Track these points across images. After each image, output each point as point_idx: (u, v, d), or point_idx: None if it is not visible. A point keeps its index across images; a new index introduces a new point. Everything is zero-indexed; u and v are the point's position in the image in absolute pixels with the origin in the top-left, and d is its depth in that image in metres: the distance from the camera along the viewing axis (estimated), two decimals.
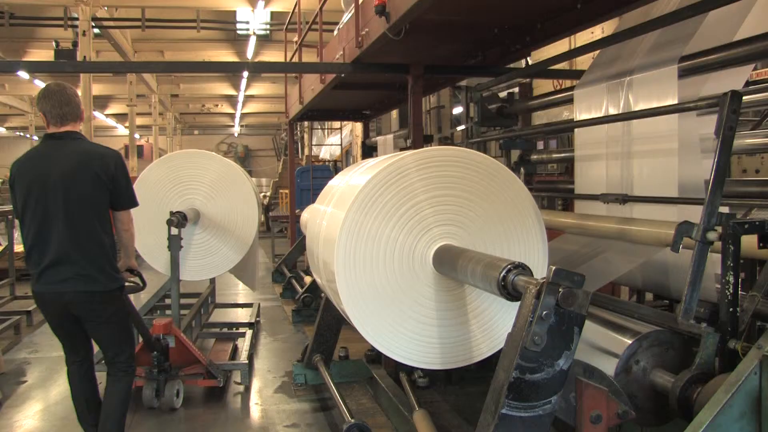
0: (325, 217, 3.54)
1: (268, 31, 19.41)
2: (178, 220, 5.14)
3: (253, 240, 5.86)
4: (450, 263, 2.83)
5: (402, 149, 7.92)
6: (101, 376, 3.78)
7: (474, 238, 3.04)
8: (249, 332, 6.40)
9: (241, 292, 10.50)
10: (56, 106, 3.55)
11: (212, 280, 7.62)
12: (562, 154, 5.17)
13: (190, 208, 5.60)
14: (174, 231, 5.15)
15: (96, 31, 15.11)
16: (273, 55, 19.19)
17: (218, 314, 7.87)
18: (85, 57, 12.50)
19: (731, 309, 2.57)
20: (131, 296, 4.01)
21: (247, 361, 5.40)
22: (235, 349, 6.13)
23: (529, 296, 2.20)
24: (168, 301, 6.38)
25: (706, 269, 2.64)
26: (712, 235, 2.58)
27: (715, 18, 3.33)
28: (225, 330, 7.07)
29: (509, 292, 2.33)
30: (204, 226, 5.75)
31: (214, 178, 5.77)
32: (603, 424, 2.32)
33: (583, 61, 7.61)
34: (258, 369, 5.83)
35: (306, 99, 10.00)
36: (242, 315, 7.83)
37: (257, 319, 7.43)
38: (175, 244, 5.20)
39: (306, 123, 21.36)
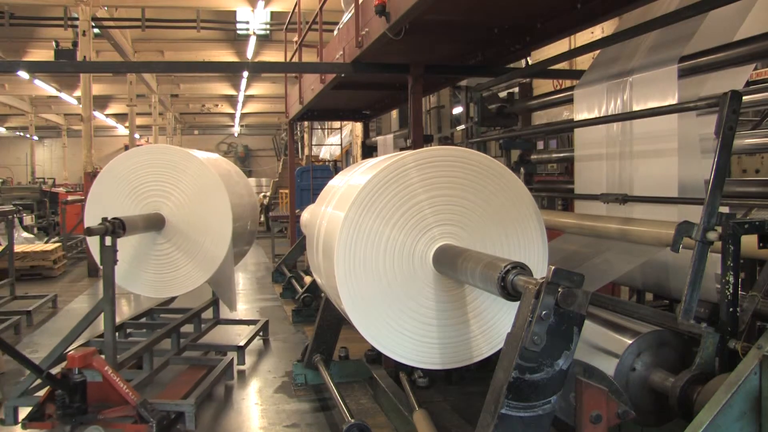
0: (325, 217, 3.54)
1: (268, 31, 19.41)
2: (110, 227, 4.31)
3: (225, 259, 5.03)
4: (450, 263, 2.83)
5: (402, 149, 7.92)
6: None
7: (474, 238, 3.04)
8: (233, 356, 5.63)
9: (253, 305, 10.45)
10: None
11: (215, 292, 6.84)
12: (562, 154, 5.17)
13: (154, 212, 4.95)
14: (108, 241, 4.35)
15: (96, 31, 15.11)
16: (273, 55, 19.20)
17: (219, 333, 6.87)
18: (85, 57, 12.49)
19: (731, 309, 2.57)
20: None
21: (192, 402, 4.34)
22: (202, 380, 5.05)
23: (528, 296, 2.20)
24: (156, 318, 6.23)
25: (706, 269, 2.64)
26: (712, 235, 2.58)
27: (715, 18, 3.34)
28: (213, 354, 6.04)
29: (509, 291, 2.33)
30: (168, 236, 5.00)
31: (189, 182, 5.01)
32: (603, 424, 2.32)
33: (583, 61, 7.60)
34: (258, 369, 5.82)
35: (306, 99, 10.00)
36: (247, 333, 6.69)
37: (261, 336, 6.68)
38: (107, 257, 4.37)
39: (306, 123, 21.38)
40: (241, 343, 5.87)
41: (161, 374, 5.29)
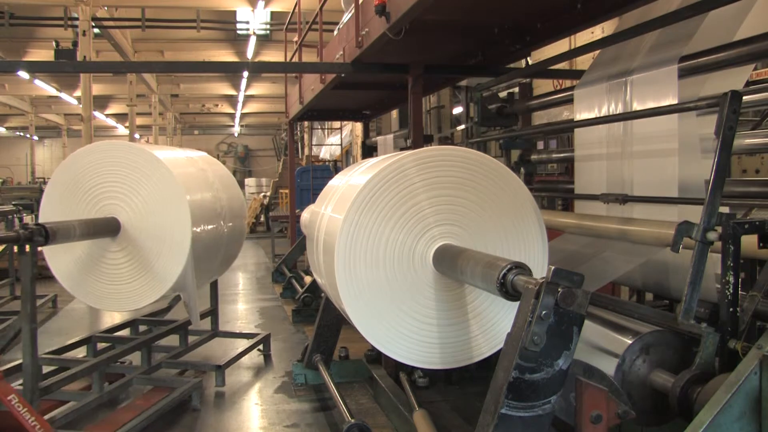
0: (325, 217, 3.54)
1: (268, 31, 19.44)
2: (27, 234, 3.80)
3: (184, 272, 4.47)
4: (450, 263, 2.83)
5: (402, 149, 7.92)
6: None
7: (474, 237, 3.04)
8: (201, 380, 4.96)
9: (253, 305, 10.44)
10: None
11: (215, 302, 6.28)
12: (562, 154, 5.17)
13: (109, 216, 4.48)
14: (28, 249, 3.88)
15: (96, 31, 15.12)
16: (273, 55, 19.22)
17: (215, 347, 6.24)
18: (85, 57, 12.51)
19: (731, 309, 2.57)
20: None
21: None
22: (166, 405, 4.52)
23: (528, 296, 2.20)
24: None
25: (706, 269, 2.64)
26: (712, 235, 2.58)
27: (715, 18, 3.33)
28: (190, 372, 5.48)
29: (509, 291, 2.33)
30: (123, 244, 4.50)
31: (148, 185, 4.49)
32: (603, 424, 2.31)
33: (583, 61, 7.60)
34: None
35: (306, 99, 10.00)
36: (249, 350, 6.14)
37: (262, 352, 6.15)
38: (25, 268, 3.90)
39: (306, 123, 21.39)
40: (221, 363, 5.28)
41: (123, 395, 4.87)
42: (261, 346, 6.17)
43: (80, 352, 5.59)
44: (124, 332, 6.08)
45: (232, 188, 5.75)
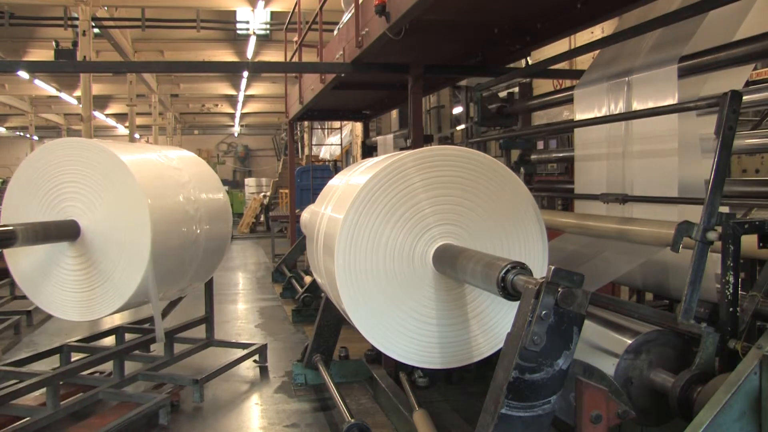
0: (325, 217, 3.54)
1: (268, 31, 19.43)
2: None
3: (143, 283, 4.16)
4: (450, 262, 2.83)
5: (402, 149, 7.92)
6: None
7: (474, 237, 3.04)
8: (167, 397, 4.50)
9: (253, 305, 10.44)
10: None
11: (210, 309, 5.87)
12: (562, 154, 5.17)
13: (68, 219, 4.19)
14: None
15: (96, 31, 15.12)
16: (273, 55, 19.22)
17: (208, 357, 5.82)
18: (85, 57, 12.51)
19: (731, 309, 2.57)
20: None
21: None
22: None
23: (528, 296, 2.20)
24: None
25: (706, 269, 2.64)
26: (712, 235, 2.58)
27: (715, 18, 3.33)
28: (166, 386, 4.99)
29: (509, 291, 2.33)
30: (82, 250, 4.20)
31: (109, 187, 4.18)
32: (603, 424, 2.31)
33: (583, 61, 7.60)
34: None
35: (306, 99, 10.01)
36: (244, 361, 5.77)
37: (258, 363, 5.75)
38: None
39: (306, 123, 21.39)
40: (198, 377, 4.84)
41: (86, 410, 4.52)
42: (257, 357, 5.80)
43: (55, 362, 5.23)
44: (110, 340, 5.77)
45: (213, 191, 5.30)
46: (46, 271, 4.29)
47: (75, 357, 5.25)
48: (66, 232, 4.14)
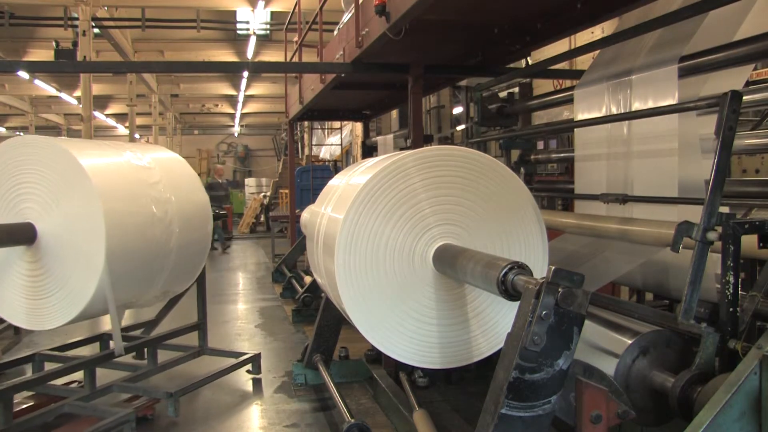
0: (325, 217, 3.54)
1: (268, 31, 19.43)
2: None
3: (98, 292, 3.91)
4: (450, 263, 2.83)
5: (402, 149, 7.92)
6: None
7: (474, 237, 3.04)
8: (128, 412, 4.05)
9: (253, 305, 10.42)
10: None
11: (203, 315, 5.57)
12: (562, 154, 5.17)
13: (25, 221, 3.97)
14: None
15: (96, 31, 15.11)
16: (273, 55, 19.20)
17: (200, 366, 5.44)
18: (85, 57, 12.50)
19: (731, 309, 2.57)
20: None
21: None
22: None
23: (528, 296, 2.20)
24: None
25: (706, 269, 2.64)
26: (712, 235, 2.58)
27: (715, 18, 3.33)
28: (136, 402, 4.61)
29: (509, 291, 2.33)
30: (38, 255, 3.98)
31: (66, 189, 3.94)
32: (603, 424, 2.31)
33: (583, 61, 7.60)
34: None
35: (306, 99, 10.01)
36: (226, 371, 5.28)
37: (251, 374, 5.44)
38: None
39: (306, 123, 21.38)
40: (174, 390, 4.47)
41: (56, 422, 4.29)
42: (250, 367, 5.48)
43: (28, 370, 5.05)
44: (95, 346, 5.53)
45: (189, 191, 4.96)
46: (2, 275, 4.08)
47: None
48: (20, 235, 3.92)
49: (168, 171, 4.78)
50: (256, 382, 5.38)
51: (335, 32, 7.94)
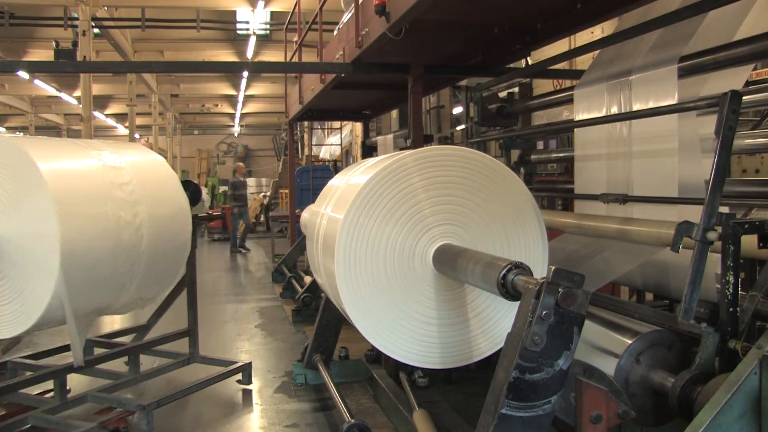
0: (325, 217, 3.54)
1: (268, 31, 19.44)
2: None
3: (55, 301, 3.74)
4: (450, 263, 2.83)
5: (402, 149, 7.92)
6: None
7: (474, 237, 3.04)
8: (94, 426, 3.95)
9: (253, 305, 10.40)
10: None
11: (194, 321, 5.36)
12: (562, 154, 5.17)
13: None
14: None
15: (96, 31, 15.11)
16: (273, 55, 19.21)
17: (190, 374, 5.17)
18: (85, 57, 12.50)
19: (731, 309, 2.57)
20: None
21: None
22: None
23: (528, 296, 2.20)
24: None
25: (706, 269, 2.64)
26: (712, 235, 2.58)
27: (715, 18, 3.34)
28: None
29: (509, 291, 2.33)
30: None
31: (24, 192, 3.79)
32: (603, 424, 2.32)
33: (583, 61, 7.60)
34: (258, 369, 5.82)
35: (306, 99, 10.01)
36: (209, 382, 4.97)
37: (241, 384, 5.15)
38: None
39: (306, 123, 21.38)
40: (147, 402, 4.29)
41: None
42: (240, 376, 5.22)
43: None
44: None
45: (165, 191, 4.67)
46: None
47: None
48: None
49: (141, 172, 4.52)
50: (247, 394, 5.10)
51: (335, 32, 7.94)
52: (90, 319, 4.29)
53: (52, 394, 4.49)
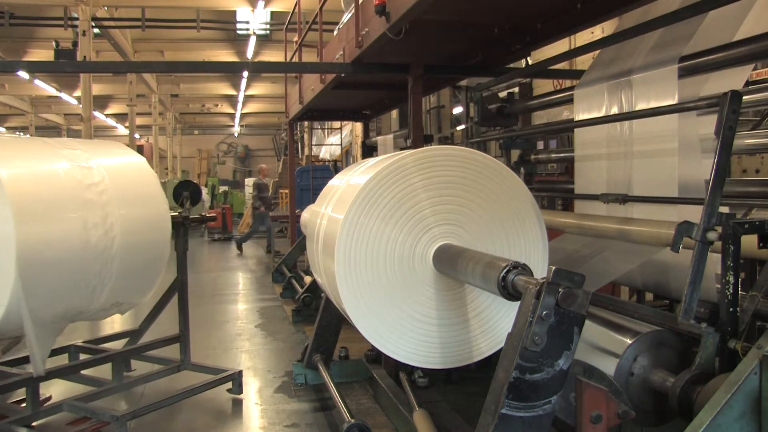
0: (325, 217, 3.54)
1: (268, 31, 19.44)
2: None
3: (12, 309, 3.58)
4: (450, 263, 2.83)
5: (402, 149, 7.92)
6: None
7: (474, 237, 3.04)
8: None
9: (253, 305, 10.41)
10: None
11: (185, 326, 5.14)
12: (562, 154, 5.17)
13: None
14: None
15: (96, 31, 15.12)
16: (273, 55, 19.23)
17: (181, 382, 4.92)
18: (85, 57, 12.51)
19: (731, 309, 2.57)
20: None
21: None
22: None
23: (528, 296, 2.20)
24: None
25: (706, 269, 2.64)
26: (712, 235, 2.58)
27: (715, 18, 3.34)
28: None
29: (509, 291, 2.33)
30: None
31: None
32: (603, 424, 2.32)
33: (583, 61, 7.60)
34: (258, 369, 5.82)
35: (306, 99, 10.01)
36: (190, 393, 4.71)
37: (231, 393, 4.92)
38: None
39: (306, 123, 21.39)
40: (121, 413, 4.09)
41: None
42: (230, 385, 4.97)
43: None
44: (62, 358, 5.10)
45: (139, 192, 4.45)
46: None
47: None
48: None
49: (116, 172, 4.30)
50: (237, 403, 4.88)
51: (335, 32, 7.94)
52: (58, 326, 4.10)
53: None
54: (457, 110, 13.10)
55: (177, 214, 4.96)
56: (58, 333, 4.17)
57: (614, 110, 3.74)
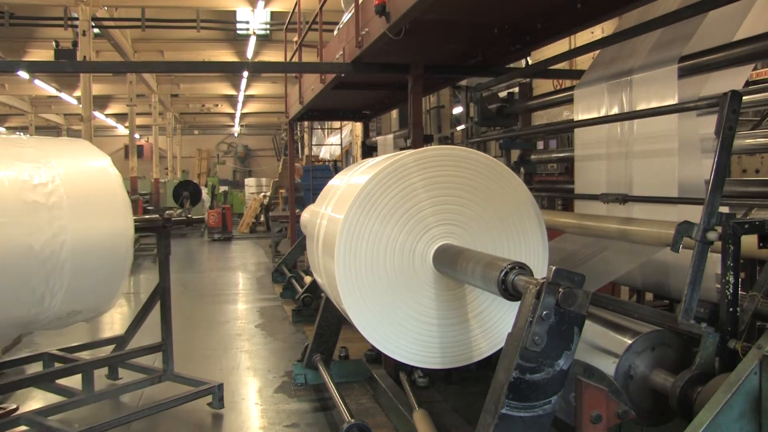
0: (325, 217, 3.54)
1: (268, 31, 19.45)
2: None
3: None
4: (450, 263, 2.83)
5: (402, 149, 7.91)
6: None
7: (474, 237, 3.04)
8: None
9: (253, 305, 10.40)
10: None
11: (168, 335, 4.89)
12: (562, 154, 5.17)
13: None
14: None
15: (96, 31, 15.12)
16: (273, 55, 19.23)
17: (162, 393, 4.75)
18: (85, 57, 12.51)
19: (731, 309, 2.57)
20: None
21: None
22: None
23: (529, 296, 2.20)
24: None
25: (706, 269, 2.64)
26: (712, 235, 2.58)
27: (715, 18, 3.34)
28: None
29: (509, 291, 2.33)
30: None
31: None
32: (603, 424, 2.32)
33: (583, 61, 7.60)
34: (258, 369, 5.83)
35: (306, 99, 10.00)
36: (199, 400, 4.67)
37: (211, 407, 4.67)
38: None
39: (306, 123, 21.39)
40: (81, 430, 3.92)
41: None
42: (210, 399, 4.71)
43: None
44: (36, 365, 5.08)
45: (97, 194, 4.12)
46: None
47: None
48: None
49: (71, 172, 4.00)
50: (217, 418, 4.62)
51: (335, 32, 7.94)
52: (5, 333, 3.89)
53: None
54: (457, 110, 13.11)
55: (157, 217, 4.76)
56: (6, 341, 3.91)
57: (614, 110, 3.74)
